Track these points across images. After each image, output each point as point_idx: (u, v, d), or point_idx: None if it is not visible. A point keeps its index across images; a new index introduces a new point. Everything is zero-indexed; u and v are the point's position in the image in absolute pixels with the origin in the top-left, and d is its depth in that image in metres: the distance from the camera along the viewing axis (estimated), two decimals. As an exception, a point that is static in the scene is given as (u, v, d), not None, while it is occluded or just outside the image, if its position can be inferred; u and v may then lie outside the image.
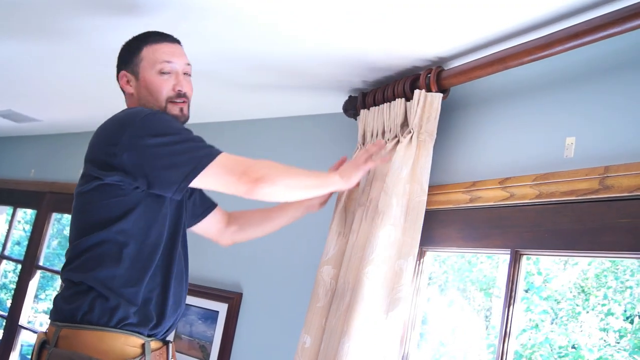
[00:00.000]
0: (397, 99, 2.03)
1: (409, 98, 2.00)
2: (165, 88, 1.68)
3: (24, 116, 3.93)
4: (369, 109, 2.19)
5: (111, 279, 1.55)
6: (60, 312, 1.58)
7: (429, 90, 1.93)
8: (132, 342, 1.55)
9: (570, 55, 1.63)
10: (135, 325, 1.56)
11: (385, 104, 2.09)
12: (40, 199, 4.29)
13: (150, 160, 1.53)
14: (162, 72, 1.68)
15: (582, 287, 4.94)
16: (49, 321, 1.64)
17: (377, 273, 1.81)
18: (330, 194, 2.06)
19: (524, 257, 1.70)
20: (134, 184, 1.56)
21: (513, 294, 1.69)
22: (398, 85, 2.04)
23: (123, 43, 1.76)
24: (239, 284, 2.77)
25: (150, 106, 1.68)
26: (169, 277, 1.64)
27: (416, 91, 1.94)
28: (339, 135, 2.53)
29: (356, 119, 2.30)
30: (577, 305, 4.85)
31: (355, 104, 2.29)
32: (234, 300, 2.73)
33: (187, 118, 1.74)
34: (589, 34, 1.47)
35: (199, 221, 2.00)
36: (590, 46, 1.54)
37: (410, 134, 1.91)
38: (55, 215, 4.31)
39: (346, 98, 2.37)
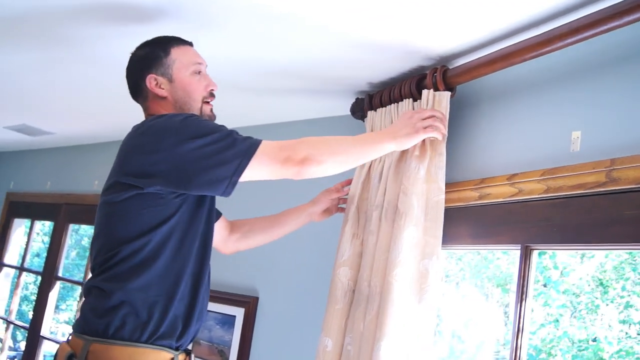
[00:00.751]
0: (404, 100, 2.04)
1: (416, 98, 2.01)
2: (200, 88, 1.72)
3: (37, 129, 3.99)
4: (376, 110, 2.20)
5: (145, 289, 1.54)
6: (90, 325, 1.55)
7: (436, 89, 1.93)
8: (162, 358, 1.54)
9: (572, 50, 1.63)
10: (165, 338, 1.56)
11: (392, 104, 2.11)
12: (57, 211, 4.35)
13: (195, 162, 1.52)
14: (195, 73, 1.72)
15: (600, 279, 4.91)
16: (71, 331, 1.60)
17: (405, 275, 1.80)
18: (334, 213, 2.16)
19: (535, 252, 1.71)
20: (176, 191, 1.55)
21: (525, 289, 1.69)
22: (404, 85, 2.05)
23: (134, 49, 1.76)
24: (254, 289, 2.79)
25: (187, 107, 1.70)
26: (199, 286, 1.64)
27: (424, 91, 1.94)
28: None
29: (364, 121, 2.31)
30: (596, 298, 4.83)
31: (362, 106, 2.30)
32: (250, 304, 2.75)
33: (215, 117, 1.78)
34: (589, 29, 1.47)
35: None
36: (591, 41, 1.54)
37: None
38: (73, 227, 4.36)
39: (353, 100, 2.39)
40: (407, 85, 2.03)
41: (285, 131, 2.89)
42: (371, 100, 2.23)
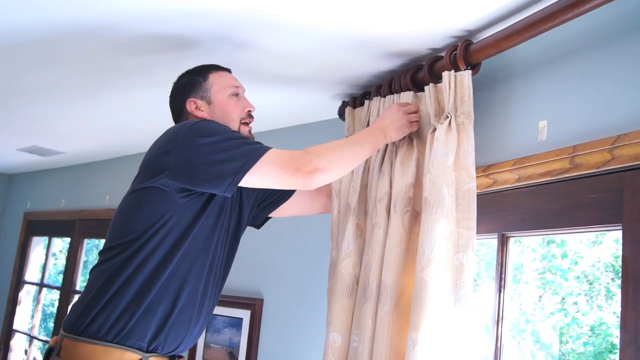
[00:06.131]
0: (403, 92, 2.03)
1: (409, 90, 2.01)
2: (237, 109, 1.84)
3: (48, 150, 4.12)
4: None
5: (123, 287, 1.59)
6: (67, 321, 1.64)
7: (457, 69, 1.80)
8: (127, 358, 1.57)
9: (537, 41, 1.69)
10: (131, 338, 1.58)
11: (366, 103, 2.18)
12: (72, 227, 4.48)
13: (204, 156, 1.58)
14: (232, 95, 1.84)
15: (612, 265, 4.91)
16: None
17: (439, 271, 1.66)
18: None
19: (512, 239, 1.77)
20: (182, 184, 1.60)
21: (504, 276, 1.75)
22: (403, 77, 2.04)
23: (177, 78, 1.89)
24: (259, 291, 2.88)
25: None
26: (181, 291, 1.65)
27: (444, 73, 1.81)
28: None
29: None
30: (609, 284, 4.82)
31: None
32: (255, 306, 2.84)
33: (254, 138, 1.84)
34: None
35: (281, 204, 2.06)
36: (554, 30, 1.58)
37: (448, 119, 1.78)
38: (93, 241, 4.48)
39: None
40: (407, 77, 1.99)
41: (285, 137, 2.97)
42: (354, 103, 2.30)
